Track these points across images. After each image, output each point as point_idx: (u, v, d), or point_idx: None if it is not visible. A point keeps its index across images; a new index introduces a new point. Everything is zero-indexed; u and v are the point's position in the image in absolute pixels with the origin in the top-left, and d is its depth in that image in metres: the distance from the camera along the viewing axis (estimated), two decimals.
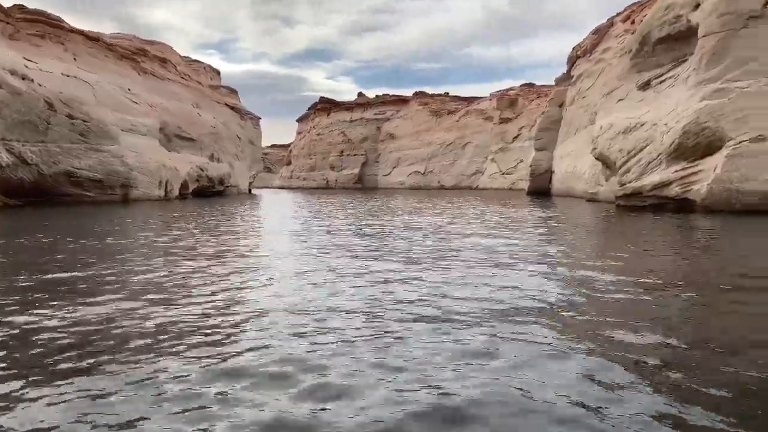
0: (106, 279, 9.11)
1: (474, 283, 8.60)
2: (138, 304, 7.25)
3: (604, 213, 25.21)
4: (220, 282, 8.90)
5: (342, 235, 16.49)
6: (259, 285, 8.72)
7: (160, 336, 5.83)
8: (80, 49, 43.13)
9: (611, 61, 39.26)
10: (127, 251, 12.55)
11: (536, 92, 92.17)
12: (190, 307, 7.11)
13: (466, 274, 9.44)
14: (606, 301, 7.41)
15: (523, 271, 9.72)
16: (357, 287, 8.37)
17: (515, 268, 10.03)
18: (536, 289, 8.08)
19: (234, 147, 71.40)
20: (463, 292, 7.83)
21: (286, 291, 8.22)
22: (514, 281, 8.74)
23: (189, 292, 8.11)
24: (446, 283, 8.58)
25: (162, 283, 8.77)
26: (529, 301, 7.38)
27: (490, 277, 9.15)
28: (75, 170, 39.90)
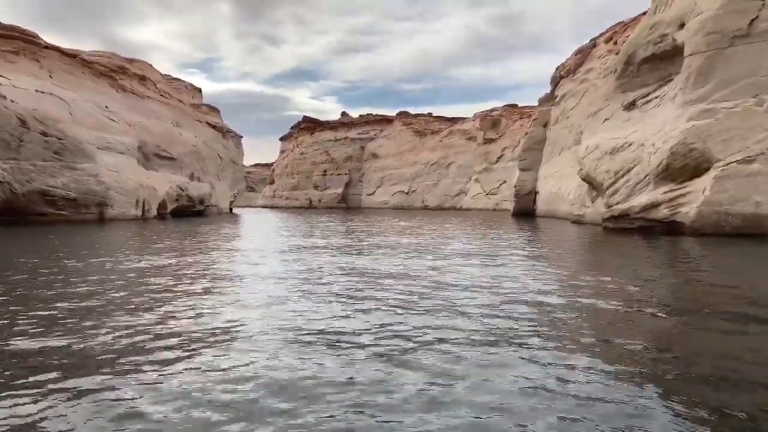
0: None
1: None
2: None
3: (591, 236, 24.67)
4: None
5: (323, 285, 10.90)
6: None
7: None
8: (56, 66, 42.15)
9: (595, 82, 39.24)
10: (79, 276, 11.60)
11: (519, 113, 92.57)
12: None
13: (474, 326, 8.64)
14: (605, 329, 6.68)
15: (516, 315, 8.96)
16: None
17: (508, 313, 9.28)
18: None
19: (215, 166, 70.37)
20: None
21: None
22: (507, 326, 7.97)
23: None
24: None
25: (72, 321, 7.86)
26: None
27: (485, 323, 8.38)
28: (49, 189, 38.69)
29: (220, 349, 6.23)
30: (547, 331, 7.02)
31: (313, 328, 7.13)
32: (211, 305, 8.79)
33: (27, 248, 18.47)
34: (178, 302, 9.03)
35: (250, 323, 7.47)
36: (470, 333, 6.84)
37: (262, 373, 5.35)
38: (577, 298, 9.24)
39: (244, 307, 8.64)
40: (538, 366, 5.52)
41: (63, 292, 9.81)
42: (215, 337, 6.76)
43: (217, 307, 8.62)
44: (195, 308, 8.54)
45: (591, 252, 18.97)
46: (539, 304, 8.82)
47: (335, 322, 7.52)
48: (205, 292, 10.02)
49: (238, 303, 9.03)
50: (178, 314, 8.09)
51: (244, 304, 8.89)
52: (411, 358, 5.81)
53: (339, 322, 7.53)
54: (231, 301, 9.16)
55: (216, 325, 7.34)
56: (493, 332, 6.90)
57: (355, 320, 7.64)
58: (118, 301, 9.05)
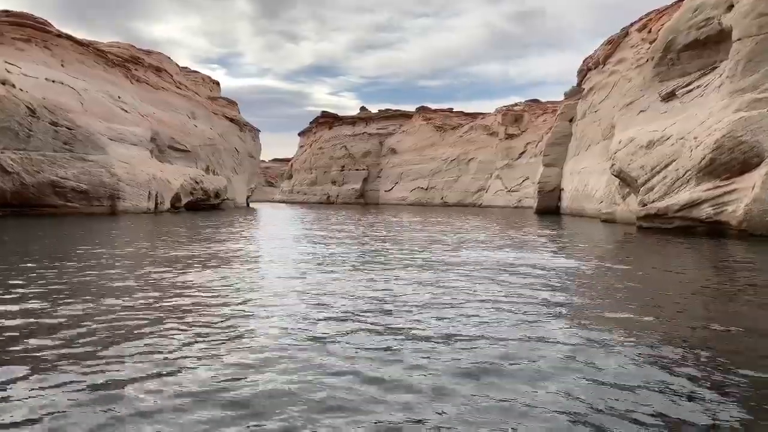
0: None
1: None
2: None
3: (627, 237, 22.79)
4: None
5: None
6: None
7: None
8: (68, 55, 41.20)
9: (626, 73, 37.12)
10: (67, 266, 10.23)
11: (542, 108, 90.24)
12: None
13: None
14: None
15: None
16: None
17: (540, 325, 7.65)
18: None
19: (232, 159, 69.38)
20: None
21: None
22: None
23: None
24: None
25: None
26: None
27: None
28: (59, 180, 37.83)
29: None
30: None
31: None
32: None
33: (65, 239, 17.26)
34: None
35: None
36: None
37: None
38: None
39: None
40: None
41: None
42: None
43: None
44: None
45: (636, 256, 17.16)
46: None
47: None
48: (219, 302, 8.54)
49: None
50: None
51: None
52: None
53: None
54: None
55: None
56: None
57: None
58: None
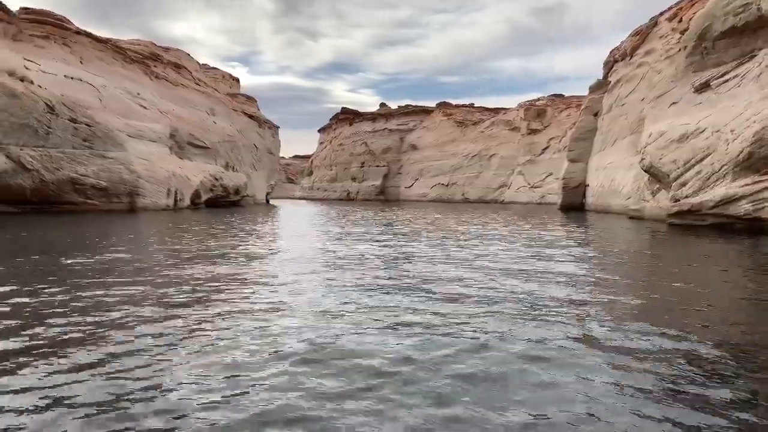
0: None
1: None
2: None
3: (656, 234, 21.72)
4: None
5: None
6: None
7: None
8: (87, 52, 41.12)
9: (655, 65, 35.76)
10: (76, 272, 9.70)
11: (566, 102, 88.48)
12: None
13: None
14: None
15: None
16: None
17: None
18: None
19: (251, 156, 69.21)
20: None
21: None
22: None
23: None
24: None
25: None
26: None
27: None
28: (79, 177, 37.80)
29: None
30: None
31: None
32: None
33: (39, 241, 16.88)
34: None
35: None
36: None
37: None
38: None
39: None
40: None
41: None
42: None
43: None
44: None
45: (673, 257, 16.16)
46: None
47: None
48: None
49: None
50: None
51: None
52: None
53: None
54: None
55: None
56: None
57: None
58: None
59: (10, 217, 29.29)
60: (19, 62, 34.20)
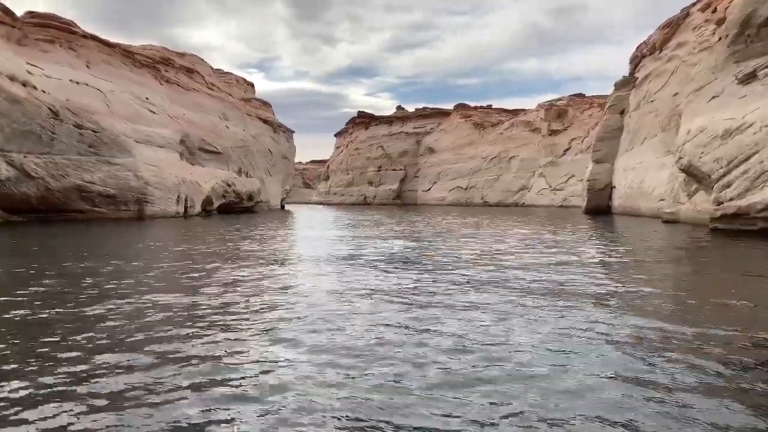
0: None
1: None
2: None
3: (698, 241, 19.63)
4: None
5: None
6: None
7: None
8: (94, 56, 40.06)
9: (687, 58, 33.56)
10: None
11: (587, 102, 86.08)
12: None
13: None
14: None
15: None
16: None
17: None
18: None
19: (265, 161, 67.96)
20: None
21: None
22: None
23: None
24: None
25: None
26: None
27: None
28: (85, 184, 36.74)
29: None
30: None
31: None
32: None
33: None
34: None
35: None
36: None
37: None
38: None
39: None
40: None
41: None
42: None
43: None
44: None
45: (725, 268, 14.15)
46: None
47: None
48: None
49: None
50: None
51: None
52: None
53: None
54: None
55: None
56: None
57: None
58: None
59: (11, 227, 28.14)
60: (22, 67, 33.14)
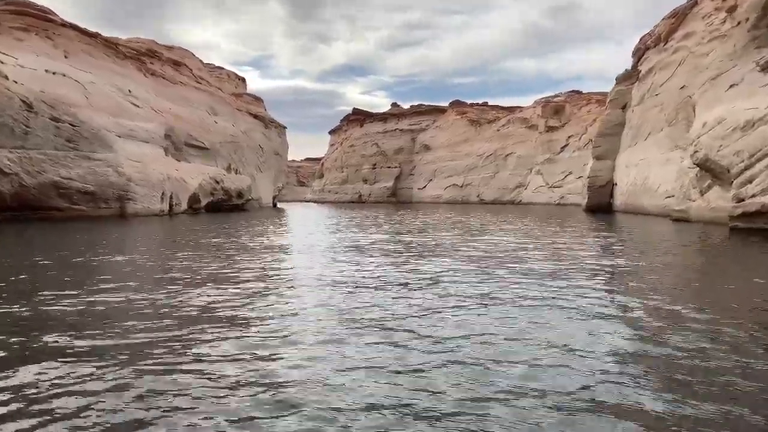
0: None
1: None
2: None
3: (719, 241, 17.99)
4: None
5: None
6: None
7: None
8: (73, 46, 38.09)
9: (696, 49, 31.95)
10: None
11: (585, 98, 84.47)
12: None
13: None
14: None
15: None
16: None
17: None
18: None
19: (256, 157, 66.06)
20: None
21: None
22: None
23: None
24: None
25: None
26: None
27: None
28: (63, 180, 34.87)
29: None
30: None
31: None
32: None
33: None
34: None
35: None
36: None
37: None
38: None
39: None
40: None
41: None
42: None
43: None
44: None
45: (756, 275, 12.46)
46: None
47: None
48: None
49: None
50: None
51: None
52: None
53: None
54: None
55: None
56: None
57: None
58: None
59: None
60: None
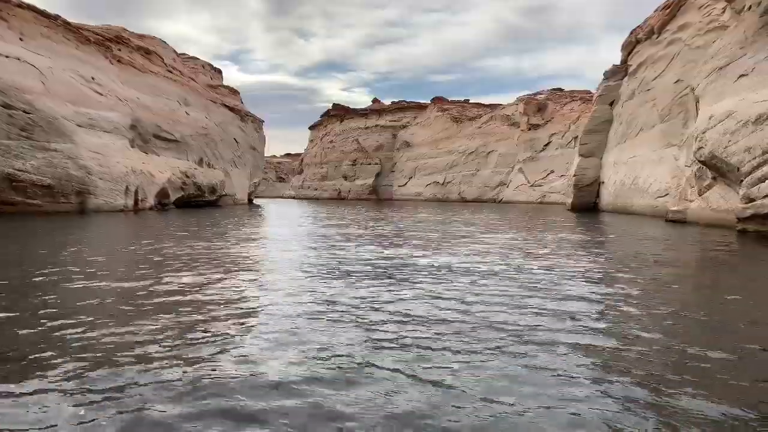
0: None
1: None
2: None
3: (726, 246, 16.36)
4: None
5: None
6: None
7: None
8: (30, 28, 35.31)
9: (692, 41, 30.46)
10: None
11: (568, 96, 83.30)
12: None
13: None
14: None
15: None
16: None
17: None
18: None
19: (231, 152, 63.48)
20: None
21: None
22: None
23: None
24: None
25: None
26: None
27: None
28: (16, 173, 32.31)
29: None
30: None
31: None
32: None
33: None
34: None
35: None
36: None
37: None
38: None
39: None
40: None
41: None
42: None
43: None
44: None
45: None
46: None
47: None
48: None
49: None
50: None
51: None
52: None
53: None
54: None
55: None
56: None
57: None
58: None
59: None
60: None
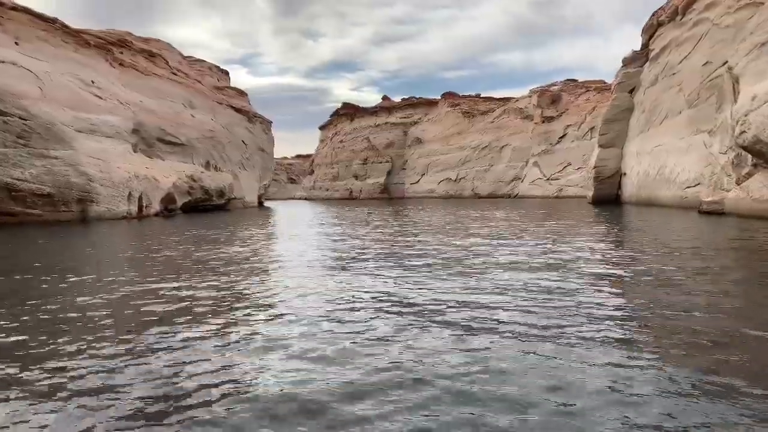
0: None
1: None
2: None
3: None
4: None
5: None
6: None
7: None
8: (26, 32, 34.18)
9: (721, 20, 28.52)
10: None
11: (583, 86, 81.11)
12: None
13: None
14: None
15: None
16: None
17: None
18: None
19: (239, 154, 62.22)
20: None
21: None
22: None
23: None
24: None
25: None
26: None
27: None
28: (14, 182, 31.30)
29: None
30: None
31: None
32: None
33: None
34: None
35: None
36: None
37: None
38: None
39: None
40: None
41: None
42: None
43: None
44: None
45: None
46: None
47: None
48: None
49: None
50: None
51: None
52: None
53: None
54: None
55: None
56: None
57: None
58: None
59: None
60: None
